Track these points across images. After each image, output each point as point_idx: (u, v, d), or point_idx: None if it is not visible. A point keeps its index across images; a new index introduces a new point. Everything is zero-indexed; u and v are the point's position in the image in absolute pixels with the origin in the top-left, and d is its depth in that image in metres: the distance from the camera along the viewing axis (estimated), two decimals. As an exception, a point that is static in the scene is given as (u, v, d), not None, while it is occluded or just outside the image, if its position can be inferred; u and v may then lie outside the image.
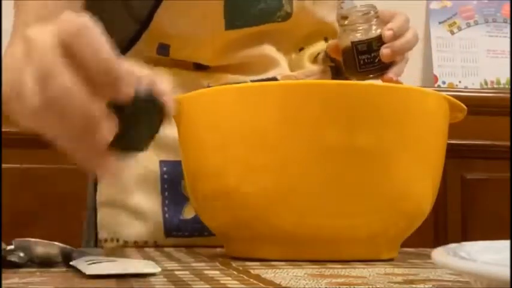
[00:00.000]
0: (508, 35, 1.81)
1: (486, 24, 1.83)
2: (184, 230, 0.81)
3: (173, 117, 0.70)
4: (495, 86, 1.78)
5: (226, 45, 0.82)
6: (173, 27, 0.81)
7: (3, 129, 1.36)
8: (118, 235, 0.81)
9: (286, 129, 0.60)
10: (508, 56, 1.79)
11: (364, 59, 0.77)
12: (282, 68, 0.85)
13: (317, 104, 0.60)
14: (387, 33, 0.75)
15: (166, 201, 0.81)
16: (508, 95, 1.61)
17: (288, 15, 0.83)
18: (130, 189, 0.82)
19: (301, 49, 0.88)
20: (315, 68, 0.87)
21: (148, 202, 0.81)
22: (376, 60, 0.76)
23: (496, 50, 1.81)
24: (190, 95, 0.67)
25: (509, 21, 1.83)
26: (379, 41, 0.76)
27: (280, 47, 0.86)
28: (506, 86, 1.78)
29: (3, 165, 1.36)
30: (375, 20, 0.77)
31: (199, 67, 0.84)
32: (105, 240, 0.82)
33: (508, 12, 1.83)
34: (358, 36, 0.77)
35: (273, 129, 0.60)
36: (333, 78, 0.88)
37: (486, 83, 1.78)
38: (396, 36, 0.75)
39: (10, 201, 1.34)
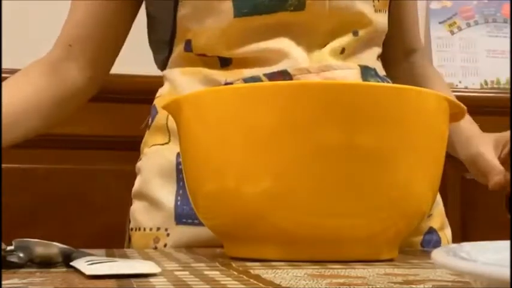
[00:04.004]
0: (508, 35, 1.81)
1: (486, 24, 1.83)
2: (194, 218, 0.82)
3: (173, 117, 0.70)
4: (495, 86, 1.78)
5: (240, 35, 0.83)
6: (190, 19, 0.85)
7: (3, 129, 1.36)
8: (139, 224, 0.86)
9: (286, 129, 0.60)
10: (508, 56, 1.79)
11: None
12: (295, 60, 0.82)
13: (317, 104, 0.60)
14: None
15: (180, 191, 0.84)
16: (508, 95, 1.61)
17: (300, 4, 0.81)
18: (150, 179, 0.87)
19: (326, 45, 0.84)
20: (336, 62, 0.84)
21: (165, 191, 0.85)
22: None
23: (496, 50, 1.81)
24: (190, 95, 0.67)
25: (509, 21, 1.83)
26: None
27: (301, 41, 0.83)
28: (506, 86, 1.78)
29: (3, 165, 1.36)
30: None
31: (224, 64, 0.85)
32: (131, 230, 0.87)
33: (508, 12, 1.83)
34: None
35: (273, 129, 0.60)
36: (362, 78, 0.84)
37: (486, 83, 1.78)
38: None
39: (10, 201, 1.34)
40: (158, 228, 0.84)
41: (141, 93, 1.37)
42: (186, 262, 0.62)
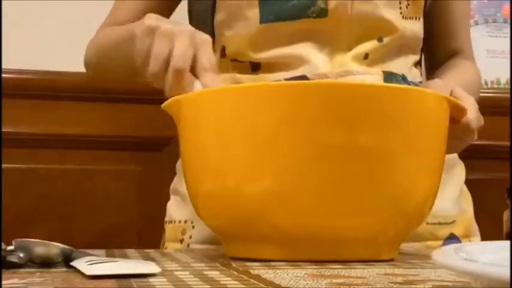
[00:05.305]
0: (508, 35, 1.81)
1: (486, 24, 1.83)
2: None
3: (173, 117, 0.70)
4: (495, 86, 1.78)
5: (266, 41, 0.85)
6: (224, 24, 0.87)
7: (3, 129, 1.36)
8: (171, 217, 0.92)
9: (287, 129, 0.60)
10: (508, 56, 1.79)
11: None
12: (315, 66, 0.84)
13: (317, 104, 0.60)
14: None
15: None
16: (508, 95, 1.61)
17: (323, 12, 0.82)
18: (183, 177, 0.89)
19: (350, 51, 0.85)
20: (357, 68, 0.84)
21: None
22: None
23: (496, 50, 1.81)
24: (190, 95, 0.67)
25: (509, 21, 1.83)
26: None
27: (323, 47, 0.85)
28: (506, 86, 1.78)
29: (3, 165, 1.36)
30: None
31: (254, 69, 0.87)
32: (165, 222, 0.93)
33: (508, 12, 1.83)
34: None
35: (273, 129, 0.60)
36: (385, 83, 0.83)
37: (486, 83, 1.78)
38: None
39: (10, 201, 1.34)
40: (185, 221, 0.89)
41: (141, 94, 1.37)
42: (186, 262, 0.62)
